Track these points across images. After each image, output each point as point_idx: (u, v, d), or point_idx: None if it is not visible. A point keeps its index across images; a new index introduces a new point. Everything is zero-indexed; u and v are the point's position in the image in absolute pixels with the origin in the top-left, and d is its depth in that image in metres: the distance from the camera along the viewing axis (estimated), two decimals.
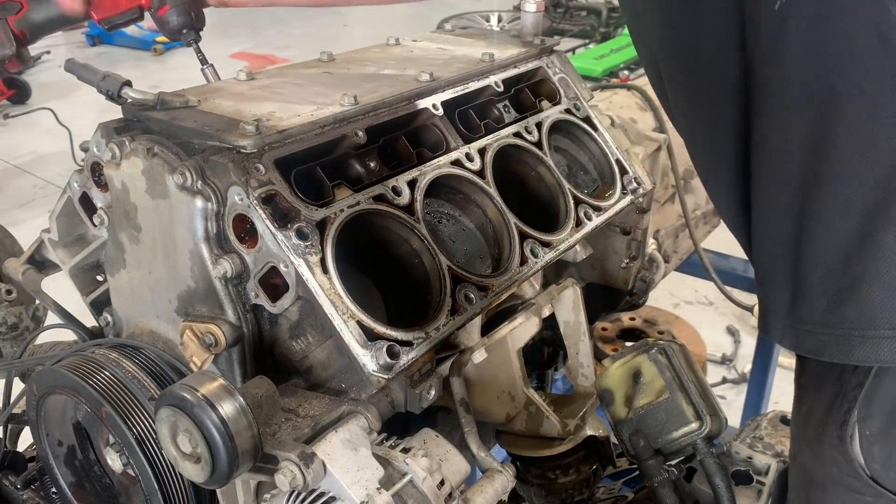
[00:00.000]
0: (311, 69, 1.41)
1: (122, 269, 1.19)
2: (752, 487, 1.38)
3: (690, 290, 4.34)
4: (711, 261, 2.19)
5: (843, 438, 0.97)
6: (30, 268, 1.40)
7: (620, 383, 1.32)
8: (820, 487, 1.05)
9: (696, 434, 1.25)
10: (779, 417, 1.59)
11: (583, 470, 1.45)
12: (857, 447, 0.97)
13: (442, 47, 1.57)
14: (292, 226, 1.02)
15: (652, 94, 1.97)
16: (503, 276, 1.21)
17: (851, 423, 0.96)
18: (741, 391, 3.52)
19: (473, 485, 1.09)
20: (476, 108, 1.37)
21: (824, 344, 0.94)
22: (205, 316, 1.08)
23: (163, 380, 1.12)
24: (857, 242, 0.88)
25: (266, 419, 0.99)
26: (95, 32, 9.64)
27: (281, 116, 1.13)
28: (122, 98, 1.15)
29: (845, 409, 0.97)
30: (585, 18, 9.07)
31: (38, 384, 1.18)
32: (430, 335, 1.07)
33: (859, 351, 0.90)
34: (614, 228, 1.66)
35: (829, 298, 0.92)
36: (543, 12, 1.61)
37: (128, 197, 1.13)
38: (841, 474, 1.00)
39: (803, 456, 1.09)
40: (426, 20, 8.73)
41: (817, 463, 1.04)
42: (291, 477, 0.90)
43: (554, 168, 1.39)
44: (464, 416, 1.18)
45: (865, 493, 0.99)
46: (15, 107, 7.44)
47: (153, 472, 1.06)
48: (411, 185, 1.18)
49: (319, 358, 1.09)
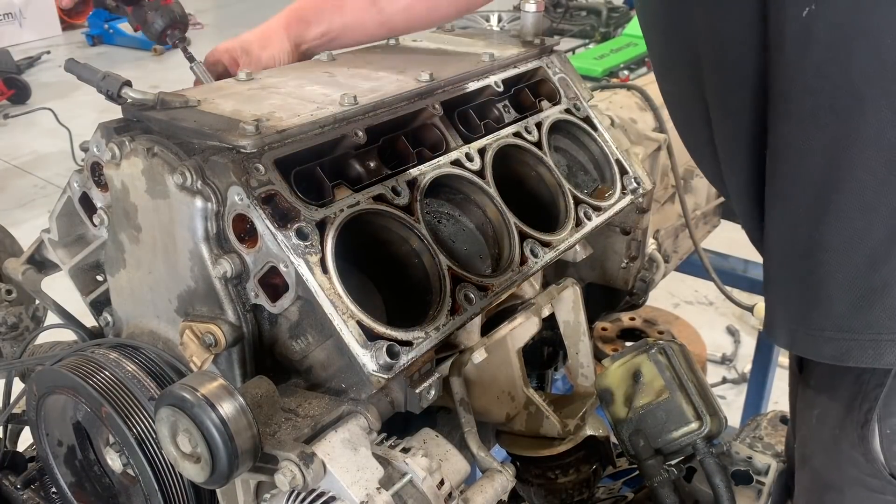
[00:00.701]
0: (311, 69, 1.41)
1: (121, 269, 1.19)
2: (752, 487, 1.38)
3: (690, 290, 4.34)
4: (711, 261, 2.19)
5: (864, 438, 0.98)
6: (30, 268, 1.40)
7: (620, 383, 1.32)
8: (837, 490, 1.05)
9: (696, 434, 1.25)
10: (779, 417, 1.59)
11: (583, 470, 1.45)
12: (877, 446, 0.97)
13: (442, 47, 1.57)
14: (292, 226, 1.02)
15: (652, 94, 1.97)
16: (503, 276, 1.21)
17: (872, 423, 0.97)
18: (741, 391, 3.52)
19: (473, 485, 1.09)
20: (476, 108, 1.37)
21: (848, 349, 0.92)
22: (205, 316, 1.08)
23: (163, 380, 1.12)
24: (883, 246, 0.87)
25: (266, 419, 0.99)
26: (95, 32, 9.65)
27: (281, 116, 1.13)
28: (121, 98, 1.15)
29: (866, 409, 0.97)
30: (585, 18, 9.07)
31: (38, 384, 1.18)
32: (429, 335, 1.07)
33: (890, 355, 0.89)
34: (614, 228, 1.66)
35: (851, 303, 0.91)
36: (543, 12, 1.61)
37: (128, 197, 1.13)
38: (861, 475, 1.00)
39: (817, 460, 1.09)
40: None
41: (834, 465, 1.04)
42: (291, 477, 0.90)
43: (554, 168, 1.39)
44: (464, 416, 1.18)
45: (886, 492, 0.99)
46: (15, 107, 7.44)
47: (153, 472, 1.06)
48: (411, 185, 1.18)
49: (319, 358, 1.09)
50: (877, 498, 1.00)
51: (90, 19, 9.76)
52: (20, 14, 9.67)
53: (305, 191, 1.07)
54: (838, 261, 0.91)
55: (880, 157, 0.86)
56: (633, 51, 3.80)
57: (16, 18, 9.66)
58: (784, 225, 0.98)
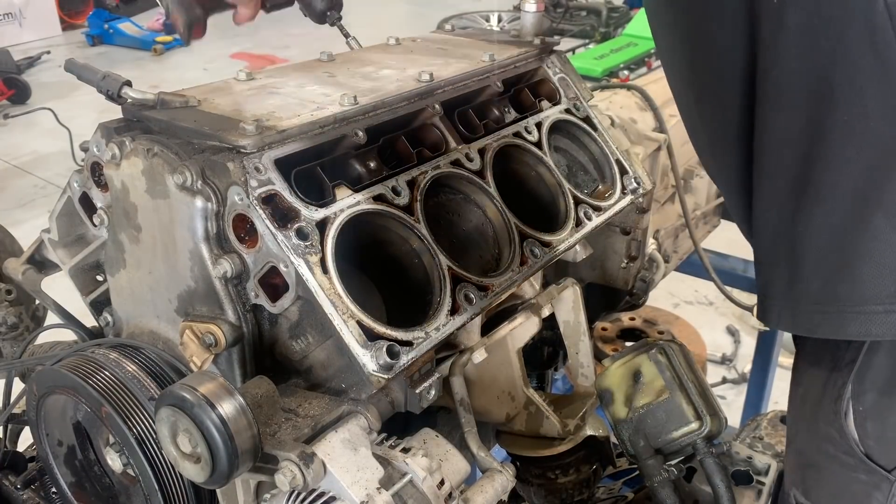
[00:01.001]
0: (311, 69, 1.41)
1: (121, 269, 1.19)
2: (752, 487, 1.38)
3: (690, 290, 4.34)
4: (711, 261, 2.19)
5: (837, 413, 1.01)
6: (30, 268, 1.40)
7: (620, 383, 1.32)
8: (815, 468, 1.09)
9: (696, 434, 1.25)
10: (779, 417, 1.59)
11: (583, 470, 1.45)
12: (851, 423, 1.00)
13: (442, 47, 1.57)
14: (292, 226, 1.02)
15: (652, 94, 1.97)
16: (503, 276, 1.21)
17: (846, 399, 1.00)
18: (741, 391, 3.52)
19: (473, 485, 1.09)
20: (476, 108, 1.37)
21: (818, 322, 0.97)
22: (205, 316, 1.08)
23: (163, 380, 1.12)
24: (850, 224, 0.92)
25: (266, 419, 0.99)
26: (95, 32, 9.64)
27: (281, 116, 1.13)
28: (121, 98, 1.15)
29: (840, 385, 1.01)
30: (585, 18, 9.07)
31: (38, 384, 1.18)
32: (430, 335, 1.07)
33: (852, 326, 0.94)
34: (614, 228, 1.66)
35: (823, 278, 0.96)
36: (543, 12, 1.61)
37: (128, 197, 1.13)
38: (836, 451, 1.03)
39: (800, 438, 1.12)
40: (426, 20, 8.74)
41: (813, 443, 1.08)
42: (291, 477, 0.90)
43: (554, 168, 1.39)
44: (464, 416, 1.18)
45: (859, 470, 1.02)
46: (15, 107, 7.43)
47: (153, 472, 1.06)
48: (411, 185, 1.18)
49: (319, 358, 1.09)
50: (850, 476, 1.03)
51: (90, 19, 9.76)
52: (20, 14, 9.66)
53: (305, 191, 1.07)
54: (814, 238, 0.95)
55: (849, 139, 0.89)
56: (633, 51, 3.79)
57: (16, 18, 9.66)
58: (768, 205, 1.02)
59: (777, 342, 2.71)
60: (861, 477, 1.02)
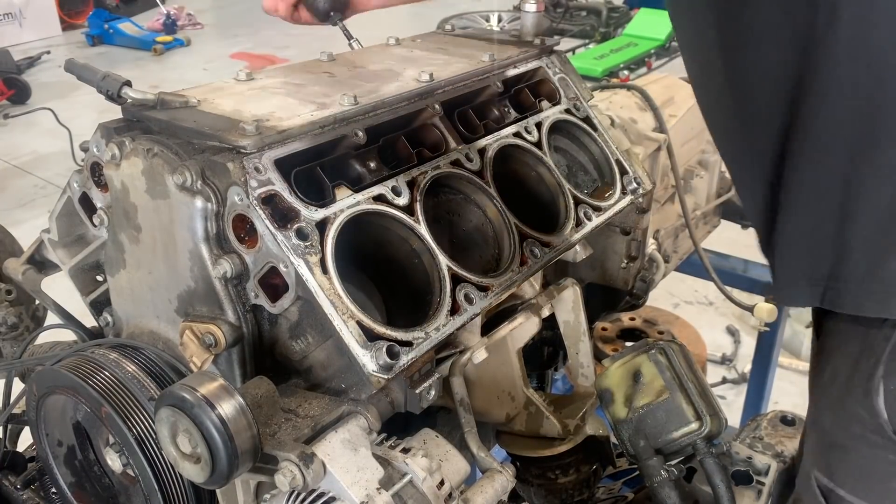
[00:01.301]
0: (311, 69, 1.41)
1: (121, 269, 1.19)
2: (752, 487, 1.38)
3: (690, 290, 4.33)
4: (711, 261, 2.19)
5: (868, 393, 1.02)
6: (30, 268, 1.40)
7: (620, 383, 1.32)
8: (841, 448, 1.09)
9: (696, 434, 1.25)
10: (779, 417, 1.59)
11: (583, 470, 1.45)
12: (881, 402, 1.01)
13: (442, 47, 1.57)
14: (292, 226, 1.02)
15: (652, 94, 1.96)
16: (503, 276, 1.21)
17: (877, 378, 1.01)
18: (741, 391, 3.52)
19: (473, 485, 1.09)
20: (476, 108, 1.37)
21: (863, 301, 1.00)
22: (205, 316, 1.08)
23: (163, 380, 1.12)
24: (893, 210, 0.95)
25: (266, 419, 0.99)
26: (95, 32, 9.65)
27: (281, 116, 1.13)
28: (121, 98, 1.15)
29: (872, 363, 1.02)
30: (585, 18, 9.07)
31: (38, 384, 1.18)
32: (429, 335, 1.07)
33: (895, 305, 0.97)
34: (614, 228, 1.66)
35: (872, 257, 0.98)
36: (543, 12, 1.61)
37: (128, 197, 1.13)
38: (864, 431, 1.04)
39: (824, 419, 1.13)
40: (426, 20, 8.73)
41: (839, 423, 1.08)
42: (291, 477, 0.90)
43: (554, 168, 1.39)
44: (464, 416, 1.18)
45: (888, 449, 1.02)
46: (15, 107, 7.43)
47: (153, 473, 1.06)
48: (411, 185, 1.18)
49: (319, 358, 1.09)
50: (878, 455, 1.03)
51: (90, 19, 9.76)
52: (20, 14, 9.66)
53: (305, 191, 1.07)
54: (866, 217, 0.98)
55: None
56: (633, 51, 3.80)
57: (16, 18, 9.66)
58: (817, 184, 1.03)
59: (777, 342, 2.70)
60: (889, 457, 1.03)
